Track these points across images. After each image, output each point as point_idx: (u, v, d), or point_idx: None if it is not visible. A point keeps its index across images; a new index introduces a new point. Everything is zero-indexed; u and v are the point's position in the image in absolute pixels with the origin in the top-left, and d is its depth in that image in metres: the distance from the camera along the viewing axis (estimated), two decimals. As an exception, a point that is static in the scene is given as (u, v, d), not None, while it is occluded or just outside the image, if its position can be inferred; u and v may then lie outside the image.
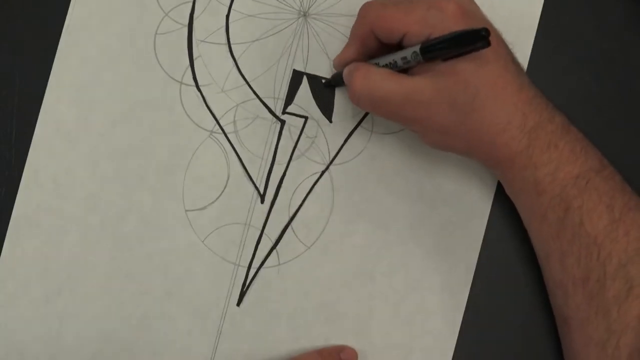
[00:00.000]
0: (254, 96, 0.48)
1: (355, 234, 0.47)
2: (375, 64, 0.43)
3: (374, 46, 0.43)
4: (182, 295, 0.47)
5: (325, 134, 0.48)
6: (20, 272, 0.47)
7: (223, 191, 0.47)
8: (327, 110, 0.48)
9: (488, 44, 0.37)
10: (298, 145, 0.48)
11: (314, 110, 0.48)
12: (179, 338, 0.47)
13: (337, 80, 0.47)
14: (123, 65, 0.48)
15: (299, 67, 0.48)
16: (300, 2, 0.48)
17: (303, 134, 0.48)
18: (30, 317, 0.47)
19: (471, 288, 0.47)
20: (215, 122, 0.48)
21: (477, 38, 0.37)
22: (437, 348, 0.47)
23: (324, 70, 0.48)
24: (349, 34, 0.45)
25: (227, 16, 0.48)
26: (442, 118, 0.41)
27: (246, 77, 0.48)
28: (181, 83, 0.48)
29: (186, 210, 0.47)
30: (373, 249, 0.47)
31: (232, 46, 0.48)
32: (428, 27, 0.40)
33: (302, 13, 0.48)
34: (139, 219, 0.47)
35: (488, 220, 0.47)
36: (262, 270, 0.47)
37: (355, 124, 0.48)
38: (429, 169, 0.48)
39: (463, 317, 0.47)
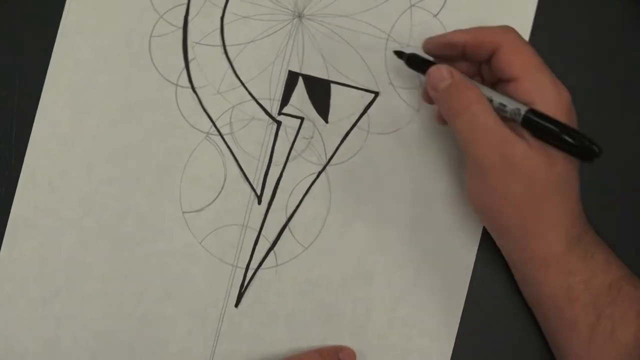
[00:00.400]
0: (249, 97, 0.48)
1: (352, 234, 0.47)
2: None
3: (480, 55, 0.42)
4: (180, 296, 0.47)
5: (321, 135, 0.48)
6: (18, 273, 0.47)
7: (220, 193, 0.48)
8: (323, 110, 0.48)
9: (590, 161, 0.38)
10: (294, 146, 0.48)
11: (309, 111, 0.48)
12: (177, 339, 0.47)
13: (414, 63, 0.44)
14: (118, 67, 0.48)
15: (295, 68, 0.48)
16: (295, 3, 0.48)
17: (299, 134, 0.48)
18: (28, 318, 0.47)
19: (469, 288, 0.47)
20: (211, 123, 0.48)
21: (586, 149, 0.38)
22: (435, 349, 0.47)
23: (319, 71, 0.48)
24: (472, 27, 0.42)
25: (222, 18, 0.48)
26: (512, 184, 0.40)
27: (242, 78, 0.48)
28: (177, 85, 0.48)
29: (183, 212, 0.47)
30: (370, 250, 0.47)
31: (227, 48, 0.48)
32: (539, 95, 0.39)
33: (296, 14, 0.48)
34: (136, 221, 0.47)
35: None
36: (259, 271, 0.47)
37: (352, 124, 0.48)
38: (426, 169, 0.48)
39: (461, 318, 0.47)
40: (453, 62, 0.43)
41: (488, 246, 0.47)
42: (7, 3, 0.48)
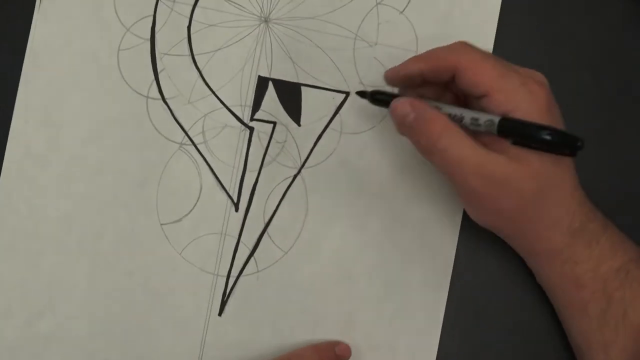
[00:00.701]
0: (220, 105, 0.48)
1: (331, 236, 0.47)
2: (436, 107, 0.40)
3: (440, 80, 0.41)
4: (163, 309, 0.47)
5: (294, 138, 0.48)
6: (0, 297, 0.47)
7: (197, 202, 0.47)
8: (294, 114, 0.48)
9: (574, 154, 0.37)
10: (268, 151, 0.48)
11: (281, 115, 0.48)
12: (163, 352, 0.47)
13: (377, 99, 0.43)
14: (88, 83, 0.48)
15: (264, 73, 0.48)
16: (261, 8, 0.48)
17: (272, 139, 0.48)
18: (14, 341, 0.47)
19: (451, 283, 0.47)
20: (184, 134, 0.48)
21: (570, 145, 0.37)
22: (421, 345, 0.47)
23: (289, 75, 0.48)
24: (426, 51, 0.41)
25: (189, 27, 0.48)
26: (504, 202, 0.40)
27: (212, 86, 0.48)
28: (147, 97, 0.48)
29: (161, 224, 0.47)
30: (350, 250, 0.47)
31: (196, 57, 0.48)
32: (512, 102, 0.38)
33: (263, 19, 0.48)
34: (115, 236, 0.47)
35: (463, 214, 0.47)
36: (241, 278, 0.47)
37: (324, 125, 0.48)
38: (401, 167, 0.48)
39: (445, 313, 0.47)
40: (417, 88, 0.42)
41: (468, 239, 0.47)
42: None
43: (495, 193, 0.39)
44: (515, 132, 0.38)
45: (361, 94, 0.45)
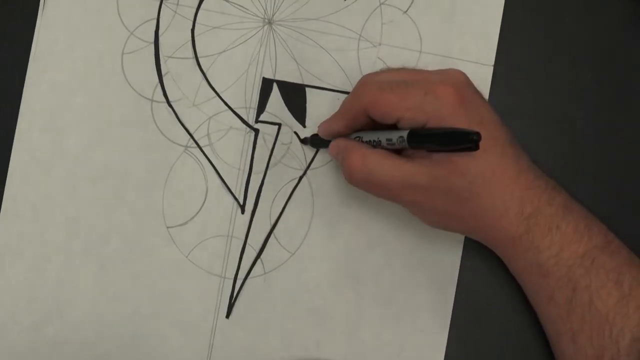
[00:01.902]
0: (225, 107, 0.48)
1: (338, 236, 0.47)
2: (359, 137, 0.43)
3: (364, 122, 0.42)
4: (170, 312, 0.47)
5: (300, 139, 0.48)
6: (7, 302, 0.47)
7: (203, 205, 0.47)
8: (299, 115, 0.48)
9: (477, 147, 0.37)
10: (274, 153, 0.48)
11: (286, 117, 0.48)
12: (171, 355, 0.47)
13: (316, 143, 0.47)
14: (93, 87, 0.48)
15: (268, 75, 0.48)
16: (265, 10, 0.48)
17: (278, 141, 0.48)
18: (22, 346, 0.47)
19: (458, 281, 0.47)
20: (189, 136, 0.48)
21: (466, 140, 0.37)
22: (429, 344, 0.47)
23: (293, 76, 0.48)
24: (341, 105, 0.44)
25: (192, 30, 0.48)
26: (440, 203, 0.41)
27: (216, 89, 0.48)
28: (152, 100, 0.48)
29: (167, 227, 0.47)
30: (357, 250, 0.47)
31: (200, 59, 0.48)
32: (423, 114, 0.39)
33: (266, 21, 0.48)
34: (121, 240, 0.47)
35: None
36: (248, 280, 0.47)
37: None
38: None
39: (453, 311, 0.47)
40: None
41: (473, 239, 0.46)
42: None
43: (428, 199, 0.40)
44: (423, 141, 0.39)
45: (303, 140, 0.47)
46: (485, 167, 0.40)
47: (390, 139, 0.40)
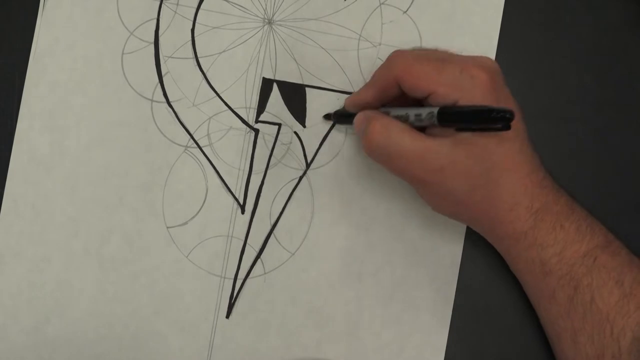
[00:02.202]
0: (225, 108, 0.48)
1: (338, 236, 0.47)
2: (386, 112, 0.42)
3: (394, 94, 0.41)
4: (170, 312, 0.47)
5: (300, 140, 0.48)
6: (8, 302, 0.47)
7: (203, 205, 0.47)
8: (300, 115, 0.48)
9: (508, 127, 0.37)
10: (274, 153, 0.48)
11: (286, 117, 0.48)
12: (171, 355, 0.47)
13: (341, 118, 0.46)
14: (92, 87, 0.48)
15: (268, 75, 0.48)
16: (264, 10, 0.48)
17: (278, 141, 0.48)
18: (22, 346, 0.47)
19: (458, 281, 0.47)
20: (189, 136, 0.48)
21: (500, 119, 0.36)
22: (429, 344, 0.47)
23: (293, 76, 0.48)
24: (371, 75, 0.43)
25: (192, 30, 0.48)
26: (453, 185, 0.40)
27: (216, 89, 0.48)
28: (152, 101, 0.48)
29: (167, 227, 0.47)
30: (357, 250, 0.47)
31: (200, 59, 0.48)
32: (456, 91, 0.39)
33: (266, 20, 0.48)
34: (121, 240, 0.47)
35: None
36: (248, 280, 0.47)
37: (329, 126, 0.48)
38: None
39: (453, 311, 0.47)
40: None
41: (474, 236, 0.47)
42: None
43: (443, 179, 0.40)
44: (454, 118, 0.38)
45: (327, 116, 0.47)
46: (505, 155, 0.40)
47: (419, 114, 0.39)
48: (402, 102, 0.42)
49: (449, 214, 0.43)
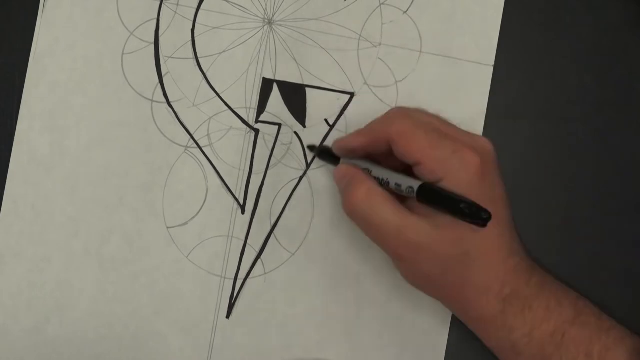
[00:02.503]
0: (225, 108, 0.48)
1: (338, 236, 0.47)
2: (367, 169, 0.42)
3: (383, 150, 0.41)
4: (170, 312, 0.47)
5: (300, 140, 0.48)
6: (8, 303, 0.47)
7: (203, 205, 0.47)
8: (300, 115, 0.48)
9: (484, 225, 0.37)
10: (274, 153, 0.48)
11: (287, 117, 0.48)
12: (171, 355, 0.47)
13: (323, 156, 0.46)
14: (92, 87, 0.48)
15: (269, 75, 0.48)
16: (265, 10, 0.48)
17: (278, 141, 0.48)
18: (22, 347, 0.47)
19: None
20: (189, 137, 0.48)
21: (476, 216, 0.36)
22: (429, 344, 0.47)
23: (294, 76, 0.48)
24: (367, 125, 0.43)
25: (192, 30, 0.48)
26: (426, 265, 0.40)
27: (216, 89, 0.48)
28: (152, 101, 0.48)
29: (168, 227, 0.47)
30: (357, 250, 0.47)
31: (200, 60, 0.48)
32: (443, 169, 0.38)
33: (267, 21, 0.48)
34: (121, 240, 0.47)
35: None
36: (248, 280, 0.47)
37: (329, 127, 0.48)
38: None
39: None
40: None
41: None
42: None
43: (417, 257, 0.40)
44: (432, 200, 0.38)
45: (310, 148, 0.47)
46: (483, 242, 0.40)
47: (399, 184, 0.40)
48: (387, 158, 0.42)
49: (422, 290, 0.43)
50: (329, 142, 0.47)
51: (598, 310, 0.42)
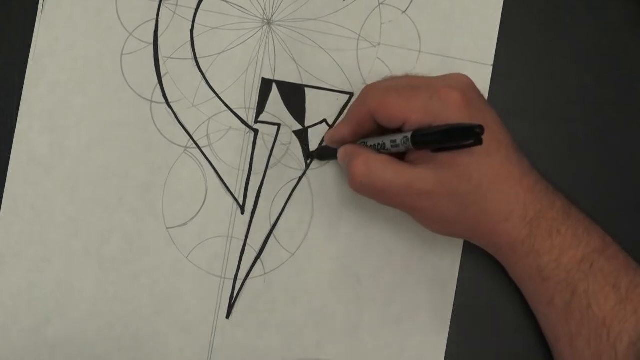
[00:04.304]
0: (225, 108, 0.48)
1: (337, 236, 0.47)
2: (363, 143, 0.42)
3: (370, 128, 0.42)
4: (170, 312, 0.47)
5: (299, 140, 0.48)
6: (8, 303, 0.47)
7: (202, 205, 0.47)
8: (299, 115, 0.48)
9: (480, 142, 0.37)
10: (273, 153, 0.48)
11: (286, 117, 0.48)
12: (171, 355, 0.47)
13: (324, 154, 0.46)
14: (92, 88, 0.48)
15: (268, 75, 0.48)
16: (264, 10, 0.48)
17: (277, 141, 0.48)
18: (22, 347, 0.47)
19: (458, 281, 0.47)
20: (188, 137, 0.48)
21: (470, 134, 0.36)
22: (429, 344, 0.47)
23: (293, 77, 0.48)
24: (347, 111, 0.44)
25: (192, 31, 0.48)
26: (443, 208, 0.40)
27: (215, 89, 0.48)
28: (151, 101, 0.48)
29: (167, 228, 0.47)
30: (356, 250, 0.47)
31: (199, 60, 0.48)
32: (429, 116, 0.39)
33: (265, 21, 0.48)
34: (121, 240, 0.47)
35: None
36: (248, 281, 0.47)
37: (329, 127, 0.48)
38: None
39: (453, 311, 0.47)
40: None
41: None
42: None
43: (432, 203, 0.40)
44: (427, 139, 0.38)
45: (311, 155, 0.47)
46: (491, 169, 0.40)
47: (394, 140, 0.40)
48: (380, 133, 0.42)
49: (446, 234, 0.43)
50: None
51: (623, 250, 0.42)
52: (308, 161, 0.47)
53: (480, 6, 0.48)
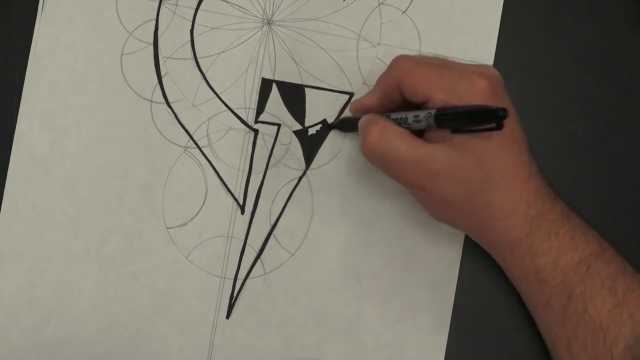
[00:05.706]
0: (225, 108, 0.48)
1: (337, 236, 0.47)
2: (387, 115, 0.42)
3: (397, 100, 0.42)
4: (170, 312, 0.47)
5: (299, 140, 0.48)
6: (8, 303, 0.47)
7: (202, 205, 0.47)
8: (299, 115, 0.48)
9: (501, 126, 0.37)
10: (273, 153, 0.48)
11: (286, 117, 0.48)
12: (171, 355, 0.47)
13: (346, 125, 0.46)
14: (92, 88, 0.48)
15: (268, 75, 0.48)
16: (264, 10, 0.48)
17: (277, 141, 0.48)
18: (22, 347, 0.47)
19: (458, 281, 0.47)
20: (188, 137, 0.48)
21: (493, 117, 0.36)
22: (429, 344, 0.47)
23: (293, 77, 0.48)
24: (376, 81, 0.44)
25: (192, 31, 0.48)
26: (449, 192, 0.40)
27: (215, 89, 0.48)
28: (151, 101, 0.48)
29: (167, 228, 0.47)
30: (357, 250, 0.47)
31: (199, 60, 0.48)
32: (454, 97, 0.39)
33: (265, 21, 0.48)
34: (121, 240, 0.47)
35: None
36: (248, 280, 0.47)
37: (329, 127, 0.48)
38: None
39: (453, 311, 0.47)
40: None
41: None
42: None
43: (439, 184, 0.40)
44: (450, 118, 0.38)
45: (330, 126, 0.47)
46: (504, 161, 0.40)
47: (417, 115, 0.40)
48: (406, 109, 0.42)
49: (445, 221, 0.43)
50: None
51: (619, 255, 0.42)
52: (329, 130, 0.47)
53: (480, 6, 0.48)
